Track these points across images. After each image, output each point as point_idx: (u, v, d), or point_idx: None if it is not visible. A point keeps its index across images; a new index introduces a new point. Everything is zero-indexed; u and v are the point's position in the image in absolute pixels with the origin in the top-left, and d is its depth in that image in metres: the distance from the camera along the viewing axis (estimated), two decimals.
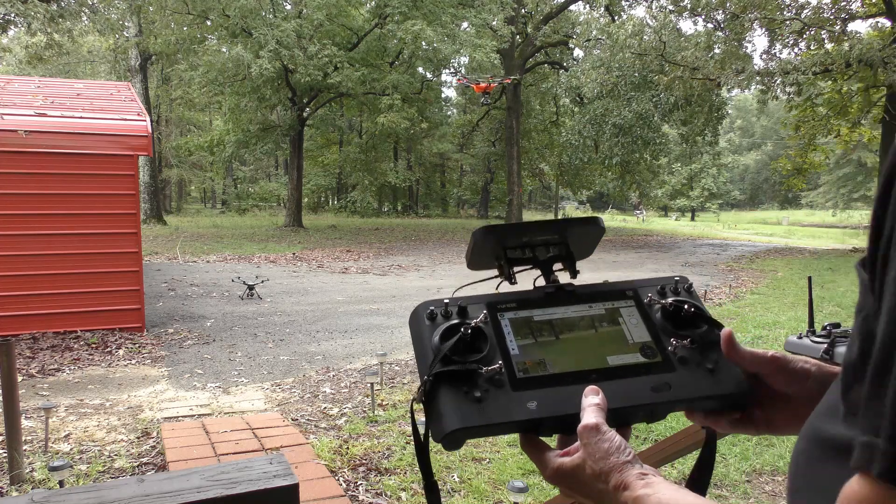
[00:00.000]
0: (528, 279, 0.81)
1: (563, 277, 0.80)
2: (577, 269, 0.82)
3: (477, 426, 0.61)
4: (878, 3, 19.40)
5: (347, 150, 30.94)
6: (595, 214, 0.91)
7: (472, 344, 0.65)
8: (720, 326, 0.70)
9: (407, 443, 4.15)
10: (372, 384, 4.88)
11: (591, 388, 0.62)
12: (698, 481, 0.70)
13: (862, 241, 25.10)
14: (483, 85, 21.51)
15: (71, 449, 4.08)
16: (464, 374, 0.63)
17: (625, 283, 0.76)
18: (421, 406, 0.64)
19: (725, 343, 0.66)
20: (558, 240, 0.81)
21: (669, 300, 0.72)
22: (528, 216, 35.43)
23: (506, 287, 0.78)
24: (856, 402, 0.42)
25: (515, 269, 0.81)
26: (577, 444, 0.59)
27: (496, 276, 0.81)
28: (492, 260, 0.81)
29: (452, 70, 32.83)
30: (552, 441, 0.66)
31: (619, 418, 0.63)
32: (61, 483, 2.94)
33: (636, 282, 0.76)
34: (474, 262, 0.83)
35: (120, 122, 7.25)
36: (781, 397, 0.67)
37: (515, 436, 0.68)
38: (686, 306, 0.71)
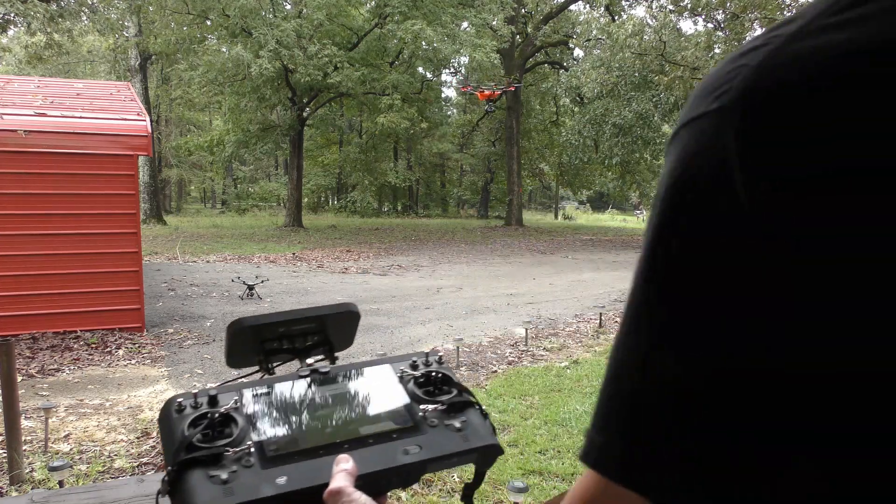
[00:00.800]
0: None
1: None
2: (337, 356, 0.86)
3: None
4: None
5: (347, 150, 30.93)
6: (348, 301, 0.96)
7: (223, 430, 0.66)
8: (468, 391, 0.76)
9: None
10: None
11: (341, 456, 0.64)
12: None
13: None
14: (487, 92, 21.52)
15: (71, 449, 4.08)
16: (211, 458, 0.63)
17: (378, 360, 0.81)
18: (167, 497, 0.64)
19: None
20: (316, 328, 0.84)
21: (420, 371, 0.77)
22: (529, 216, 35.40)
23: None
24: None
25: (276, 361, 0.84)
26: None
27: (257, 371, 0.84)
28: (251, 355, 0.83)
29: (452, 70, 32.84)
30: None
31: (374, 484, 0.65)
32: (61, 483, 2.94)
33: (390, 358, 0.82)
34: (234, 360, 0.84)
35: (120, 122, 7.24)
36: None
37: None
38: (434, 374, 0.77)
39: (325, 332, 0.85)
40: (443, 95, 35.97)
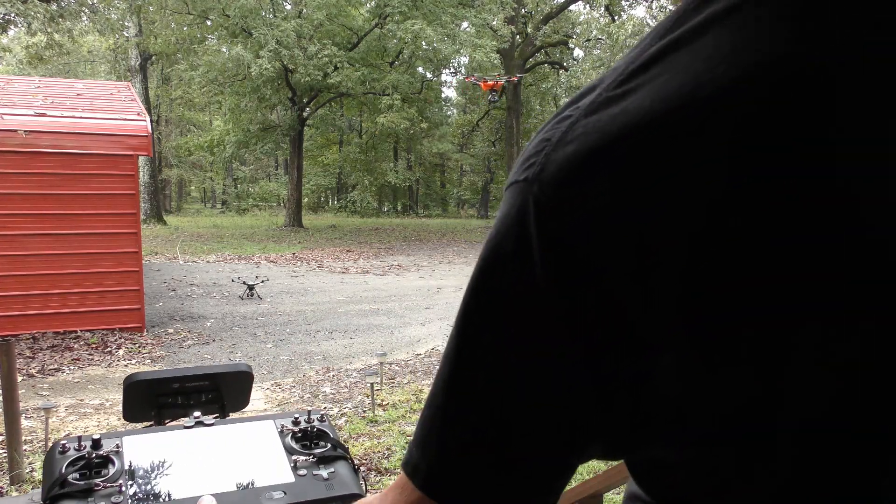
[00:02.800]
0: None
1: None
2: (230, 415, 0.91)
3: None
4: None
5: (347, 150, 30.90)
6: (243, 362, 1.04)
7: (100, 470, 0.72)
8: (342, 446, 0.82)
9: (407, 443, 4.15)
10: (372, 384, 4.88)
11: (204, 497, 0.69)
12: None
13: None
14: (490, 83, 21.52)
15: None
16: (81, 492, 0.69)
17: (263, 415, 0.86)
18: None
19: None
20: (210, 387, 0.90)
21: (300, 427, 0.84)
22: None
23: None
24: None
25: (169, 417, 0.90)
26: None
27: (151, 424, 0.89)
28: (146, 409, 0.89)
29: (452, 70, 32.79)
30: None
31: None
32: None
33: (276, 414, 0.88)
34: (131, 414, 0.90)
35: (120, 122, 7.24)
36: None
37: None
38: (311, 429, 0.83)
39: (219, 391, 0.91)
40: (443, 95, 35.96)
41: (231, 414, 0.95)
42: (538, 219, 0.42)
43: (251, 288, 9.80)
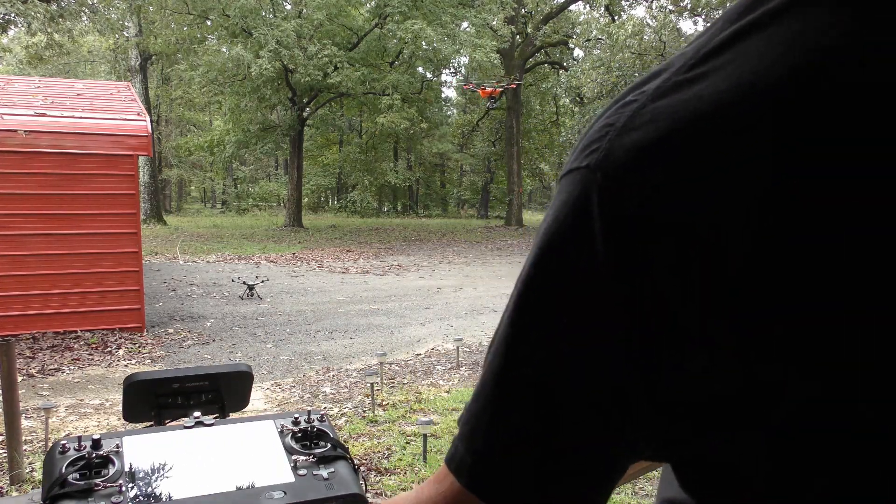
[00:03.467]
0: None
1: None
2: (230, 415, 0.92)
3: None
4: None
5: (347, 150, 30.92)
6: (244, 363, 1.01)
7: (100, 470, 0.73)
8: (342, 446, 0.82)
9: (407, 443, 4.15)
10: (372, 384, 4.88)
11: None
12: None
13: None
14: (489, 90, 21.51)
15: None
16: (81, 492, 0.69)
17: (263, 415, 0.87)
18: None
19: None
20: (209, 387, 0.91)
21: (300, 427, 0.84)
22: (528, 216, 35.38)
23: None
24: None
25: (170, 417, 0.91)
26: None
27: (151, 424, 0.90)
28: (146, 409, 0.90)
29: (452, 70, 32.80)
30: None
31: None
32: None
33: (275, 414, 0.88)
34: (131, 414, 0.91)
35: (120, 122, 7.24)
36: None
37: None
38: (311, 429, 0.84)
39: (219, 391, 0.91)
40: (443, 95, 35.96)
41: (231, 414, 0.95)
42: (602, 206, 0.41)
43: (251, 288, 9.81)
